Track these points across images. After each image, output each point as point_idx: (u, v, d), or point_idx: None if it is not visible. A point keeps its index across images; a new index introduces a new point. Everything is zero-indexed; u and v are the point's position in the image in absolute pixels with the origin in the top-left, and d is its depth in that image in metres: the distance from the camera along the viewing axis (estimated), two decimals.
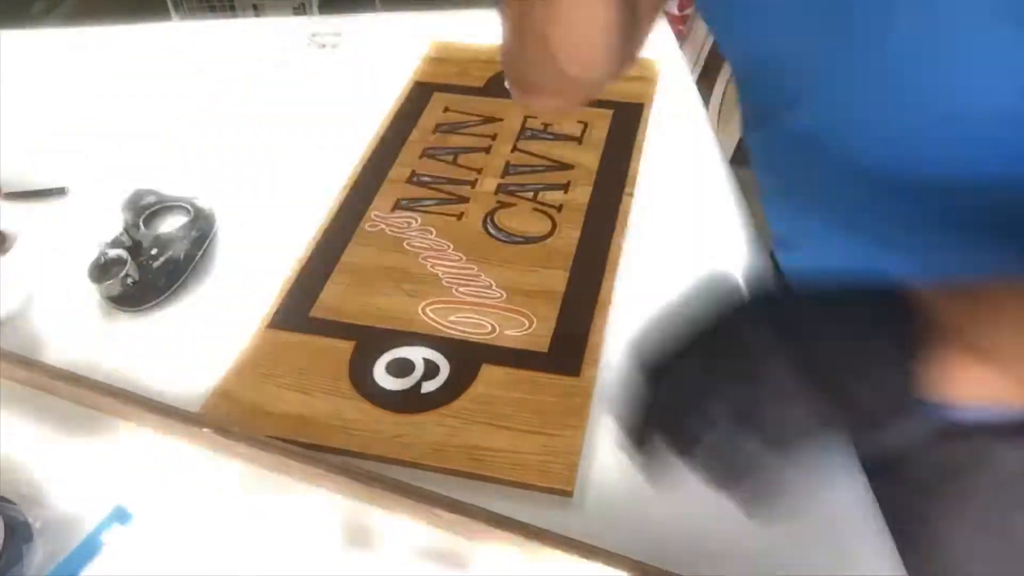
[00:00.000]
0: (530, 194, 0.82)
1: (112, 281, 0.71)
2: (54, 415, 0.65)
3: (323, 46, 1.06)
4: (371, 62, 1.05)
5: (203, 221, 0.79)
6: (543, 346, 0.68)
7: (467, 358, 0.67)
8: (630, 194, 0.82)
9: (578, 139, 0.89)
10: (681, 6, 2.01)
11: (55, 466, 0.61)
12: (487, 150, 0.88)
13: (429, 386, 0.65)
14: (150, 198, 0.81)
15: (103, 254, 0.73)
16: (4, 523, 0.54)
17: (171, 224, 0.79)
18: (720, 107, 2.08)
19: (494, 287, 0.73)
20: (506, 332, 0.69)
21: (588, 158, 0.86)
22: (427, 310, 0.71)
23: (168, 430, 0.61)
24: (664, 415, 0.35)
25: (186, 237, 0.77)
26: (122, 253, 0.73)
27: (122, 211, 0.79)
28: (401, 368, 0.66)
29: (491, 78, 0.99)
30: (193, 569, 0.56)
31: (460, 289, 0.73)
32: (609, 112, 0.93)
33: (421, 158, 0.87)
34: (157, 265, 0.74)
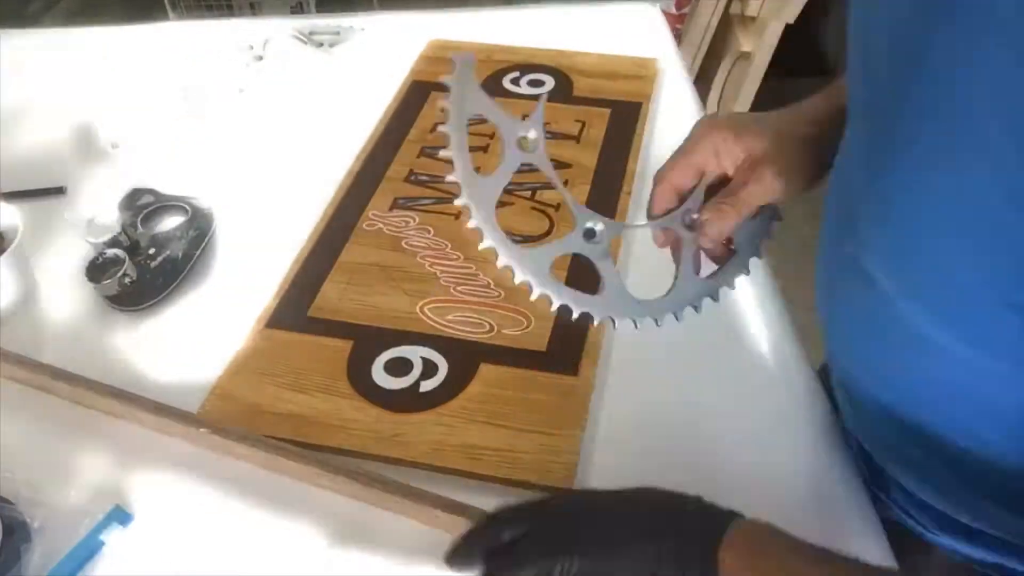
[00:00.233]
0: (528, 193, 0.82)
1: (110, 281, 0.71)
2: (53, 415, 0.65)
3: (320, 45, 1.06)
4: (369, 61, 1.05)
5: (201, 220, 0.79)
6: (541, 345, 0.68)
7: (465, 357, 0.67)
8: (628, 193, 0.82)
9: (576, 138, 0.89)
10: (679, 5, 2.01)
11: (54, 466, 0.61)
12: (485, 149, 0.88)
13: (427, 385, 0.65)
14: (148, 197, 0.80)
15: (101, 254, 0.73)
16: (3, 523, 0.54)
17: (169, 223, 0.79)
18: (718, 106, 2.08)
19: (492, 286, 0.73)
20: (504, 331, 0.69)
21: (586, 157, 0.86)
22: (425, 309, 0.71)
23: (165, 430, 0.61)
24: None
25: (184, 236, 0.77)
26: (120, 253, 0.73)
27: (120, 210, 0.79)
28: (399, 367, 0.66)
29: (488, 77, 0.99)
30: (193, 569, 0.56)
31: (458, 288, 0.73)
32: (607, 111, 0.93)
33: (419, 157, 0.87)
34: (155, 264, 0.74)
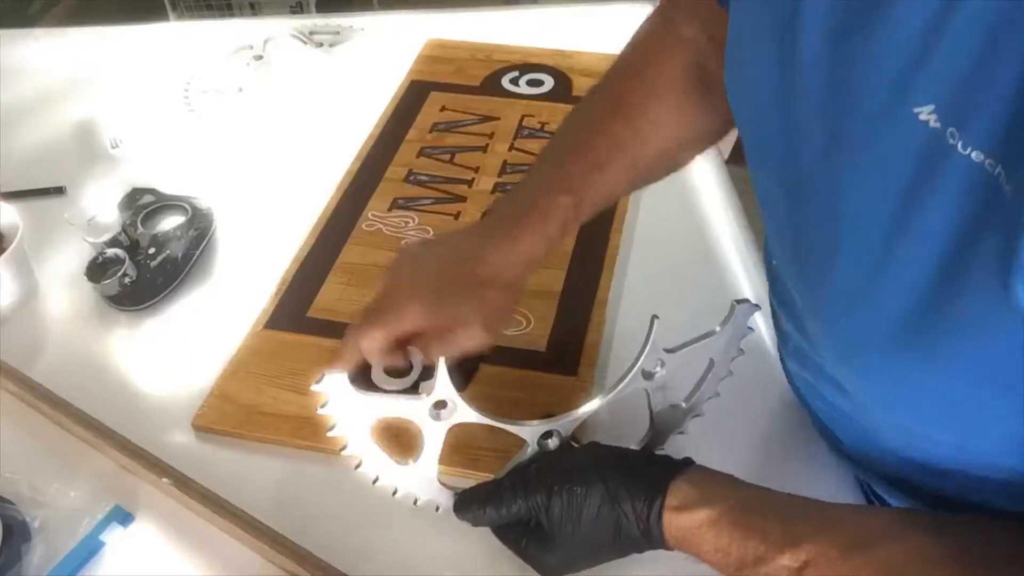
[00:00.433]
0: None
1: (110, 280, 0.71)
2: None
3: (320, 45, 1.07)
4: (368, 61, 1.05)
5: (201, 220, 0.79)
6: (541, 345, 0.68)
7: (464, 357, 0.67)
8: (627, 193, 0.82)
9: None
10: None
11: (55, 466, 0.61)
12: (484, 149, 0.88)
13: (427, 386, 0.65)
14: (148, 197, 0.81)
15: (101, 253, 0.73)
16: (3, 523, 0.54)
17: (169, 223, 0.79)
18: None
19: None
20: (504, 332, 0.69)
21: None
22: None
23: (132, 470, 0.60)
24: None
25: (184, 236, 0.77)
26: (120, 252, 0.73)
27: (120, 210, 0.79)
28: (398, 368, 0.66)
29: (487, 77, 0.99)
30: (193, 569, 0.56)
31: None
32: None
33: (418, 157, 0.87)
34: (155, 264, 0.74)
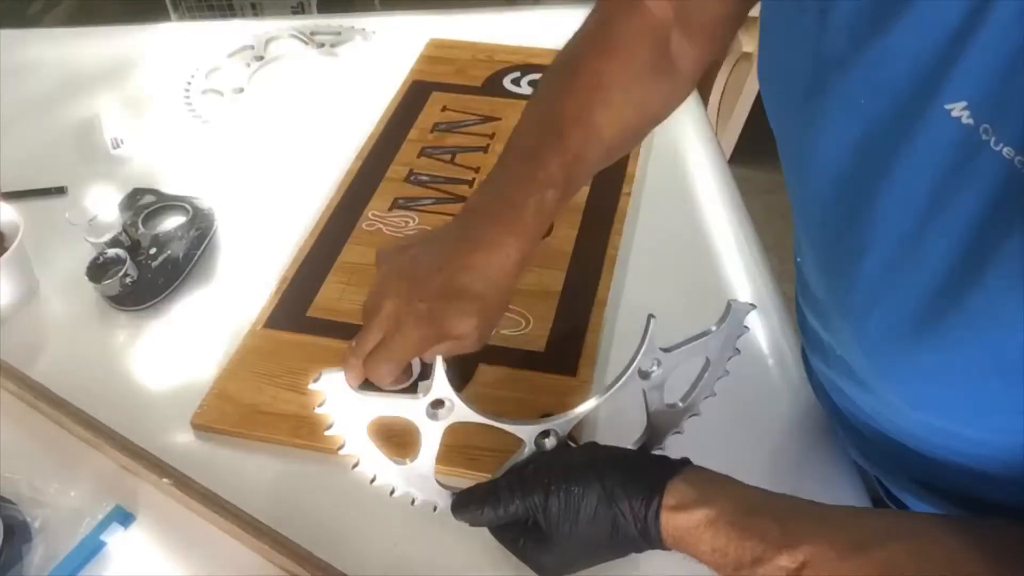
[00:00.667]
0: None
1: (110, 280, 0.71)
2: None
3: (322, 45, 1.07)
4: (369, 61, 1.05)
5: (202, 220, 0.79)
6: (540, 345, 0.68)
7: (464, 358, 0.67)
8: (628, 193, 0.82)
9: None
10: None
11: (55, 466, 0.61)
12: (485, 149, 0.88)
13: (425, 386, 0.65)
14: (149, 197, 0.81)
15: (101, 253, 0.73)
16: (4, 523, 0.55)
17: (170, 223, 0.79)
18: (719, 107, 2.08)
19: None
20: (503, 332, 0.69)
21: None
22: None
23: (132, 470, 0.60)
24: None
25: (185, 236, 0.77)
26: (120, 252, 0.73)
27: (120, 210, 0.79)
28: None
29: (489, 77, 0.99)
30: (193, 569, 0.56)
31: None
32: None
33: (419, 157, 0.87)
34: (156, 264, 0.74)
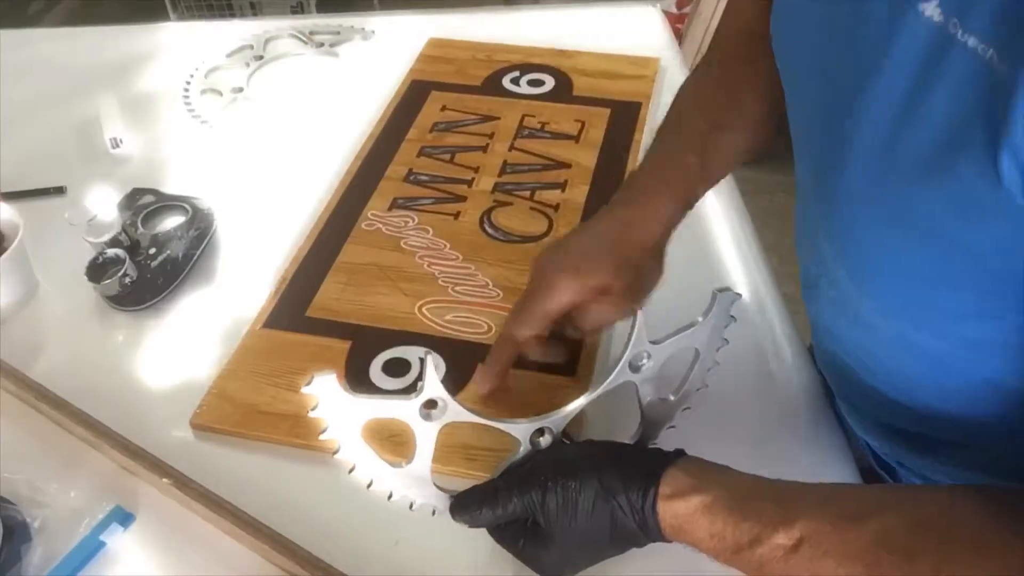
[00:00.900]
0: (527, 193, 0.82)
1: (110, 280, 0.71)
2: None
3: (321, 45, 1.07)
4: (369, 61, 1.05)
5: (201, 220, 0.79)
6: None
7: (463, 358, 0.67)
8: None
9: (575, 138, 0.89)
10: (680, 5, 2.01)
11: (55, 466, 0.61)
12: (484, 149, 0.88)
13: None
14: (148, 197, 0.81)
15: (101, 253, 0.73)
16: (3, 523, 0.55)
17: (169, 223, 0.79)
18: None
19: (491, 286, 0.73)
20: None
21: (585, 157, 0.87)
22: (423, 309, 0.71)
23: (131, 470, 0.60)
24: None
25: (184, 236, 0.77)
26: (120, 252, 0.73)
27: (120, 210, 0.79)
28: (397, 368, 0.66)
29: (488, 77, 0.99)
30: (193, 569, 0.56)
31: (456, 288, 0.73)
32: (607, 111, 0.93)
33: (418, 157, 0.87)
34: (155, 264, 0.75)
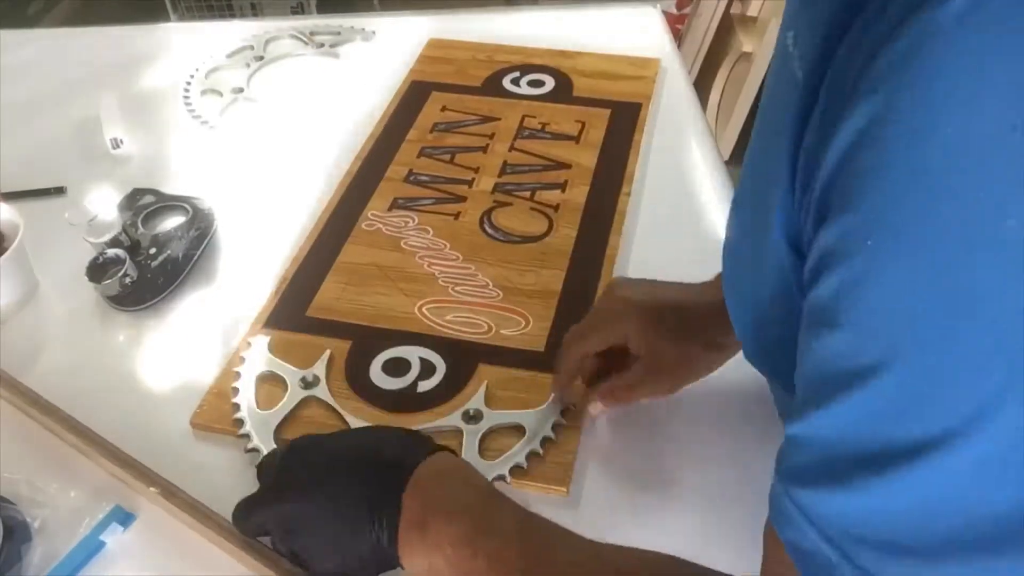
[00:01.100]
0: (527, 193, 0.82)
1: (110, 280, 0.71)
2: None
3: (321, 46, 1.07)
4: (369, 61, 1.05)
5: (202, 220, 0.79)
6: (539, 345, 0.68)
7: (463, 358, 0.67)
8: (627, 194, 0.82)
9: (576, 138, 0.89)
10: (680, 5, 2.01)
11: (55, 466, 0.61)
12: (484, 149, 0.88)
13: (425, 385, 0.65)
14: (148, 197, 0.81)
15: (101, 254, 0.73)
16: (3, 523, 0.54)
17: (169, 223, 0.79)
18: (718, 107, 2.08)
19: (491, 286, 0.73)
20: (502, 332, 0.69)
21: (586, 157, 0.87)
22: (423, 309, 0.71)
23: (120, 478, 0.60)
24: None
25: (184, 236, 0.77)
26: (120, 252, 0.73)
27: (120, 210, 0.79)
28: (397, 367, 0.66)
29: (488, 77, 0.99)
30: (193, 569, 0.56)
31: (456, 288, 0.73)
32: (607, 112, 0.93)
33: (418, 157, 0.87)
34: (155, 264, 0.75)
